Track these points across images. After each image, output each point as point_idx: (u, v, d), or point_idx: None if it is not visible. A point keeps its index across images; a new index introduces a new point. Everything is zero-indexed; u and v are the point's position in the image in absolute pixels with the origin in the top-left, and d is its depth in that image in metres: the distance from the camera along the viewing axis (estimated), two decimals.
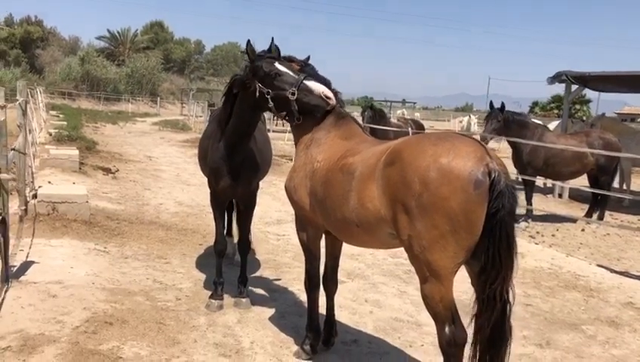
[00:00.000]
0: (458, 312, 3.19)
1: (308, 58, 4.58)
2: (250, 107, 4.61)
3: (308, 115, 4.15)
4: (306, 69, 4.38)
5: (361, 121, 13.57)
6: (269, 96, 4.23)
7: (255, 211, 5.78)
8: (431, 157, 3.03)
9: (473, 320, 3.21)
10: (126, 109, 47.78)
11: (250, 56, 4.40)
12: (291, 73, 4.17)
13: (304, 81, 4.07)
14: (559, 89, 14.64)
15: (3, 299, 4.86)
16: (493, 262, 3.05)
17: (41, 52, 57.83)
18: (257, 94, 4.32)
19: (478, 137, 6.25)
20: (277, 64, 4.24)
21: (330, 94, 4.03)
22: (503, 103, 10.69)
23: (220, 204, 5.53)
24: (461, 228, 2.95)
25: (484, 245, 3.04)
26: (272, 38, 4.53)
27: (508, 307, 3.22)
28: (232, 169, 5.09)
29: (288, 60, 4.43)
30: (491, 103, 10.92)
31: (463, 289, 3.95)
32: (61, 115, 26.78)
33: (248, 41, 4.44)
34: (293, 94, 4.07)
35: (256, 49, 4.45)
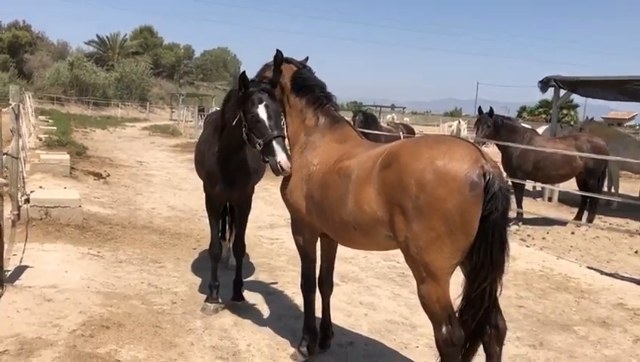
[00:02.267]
0: (455, 312, 3.24)
1: (306, 59, 4.51)
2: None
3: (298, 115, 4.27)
4: (303, 71, 4.35)
5: None
6: (244, 129, 4.33)
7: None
8: (427, 160, 3.08)
9: (457, 315, 3.27)
10: (115, 114, 47.50)
11: (245, 86, 4.33)
12: (267, 125, 4.16)
13: (272, 142, 4.12)
14: (547, 94, 14.75)
15: None
16: (483, 263, 3.12)
17: (30, 57, 57.25)
18: (235, 121, 4.45)
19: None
20: (260, 108, 4.20)
21: (286, 167, 4.07)
22: (491, 108, 10.80)
23: (216, 208, 5.54)
24: (457, 229, 3.01)
25: (477, 246, 3.10)
26: (277, 50, 4.31)
27: (496, 305, 3.30)
28: (229, 174, 5.11)
29: (287, 62, 4.36)
30: (480, 108, 11.01)
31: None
32: (50, 120, 26.58)
33: (243, 72, 4.41)
34: (260, 145, 4.18)
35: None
